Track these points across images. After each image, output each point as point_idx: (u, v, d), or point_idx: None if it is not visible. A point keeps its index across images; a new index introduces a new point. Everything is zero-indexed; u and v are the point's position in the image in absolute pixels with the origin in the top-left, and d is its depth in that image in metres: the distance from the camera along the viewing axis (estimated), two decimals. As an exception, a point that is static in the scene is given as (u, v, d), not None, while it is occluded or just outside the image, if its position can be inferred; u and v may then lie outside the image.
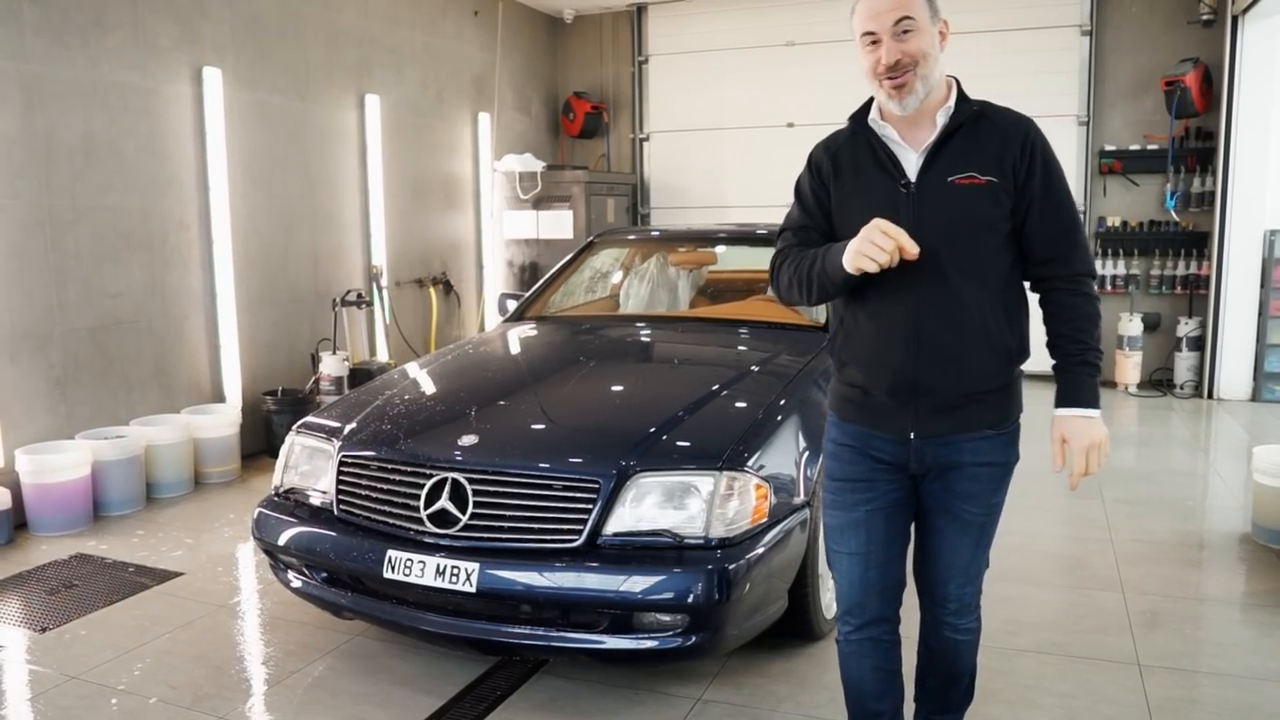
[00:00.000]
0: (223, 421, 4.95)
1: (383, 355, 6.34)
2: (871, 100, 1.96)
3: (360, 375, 5.66)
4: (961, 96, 1.91)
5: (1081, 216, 1.85)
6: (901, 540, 2.04)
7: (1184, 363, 6.89)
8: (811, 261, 1.92)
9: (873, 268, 1.77)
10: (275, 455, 5.21)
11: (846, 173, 1.97)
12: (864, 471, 2.00)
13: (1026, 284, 1.97)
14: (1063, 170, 1.92)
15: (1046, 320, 1.93)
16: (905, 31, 1.81)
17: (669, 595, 2.39)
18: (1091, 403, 1.88)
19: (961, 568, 2.01)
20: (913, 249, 1.76)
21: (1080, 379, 1.89)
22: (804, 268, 1.94)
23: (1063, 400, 1.91)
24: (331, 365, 5.50)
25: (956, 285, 1.86)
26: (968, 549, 1.99)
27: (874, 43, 1.84)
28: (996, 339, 1.89)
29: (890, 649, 2.09)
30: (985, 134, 1.88)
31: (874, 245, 1.75)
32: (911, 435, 1.93)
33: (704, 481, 2.52)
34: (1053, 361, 1.94)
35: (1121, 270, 7.14)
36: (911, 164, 1.89)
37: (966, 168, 1.86)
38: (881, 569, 2.02)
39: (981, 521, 1.98)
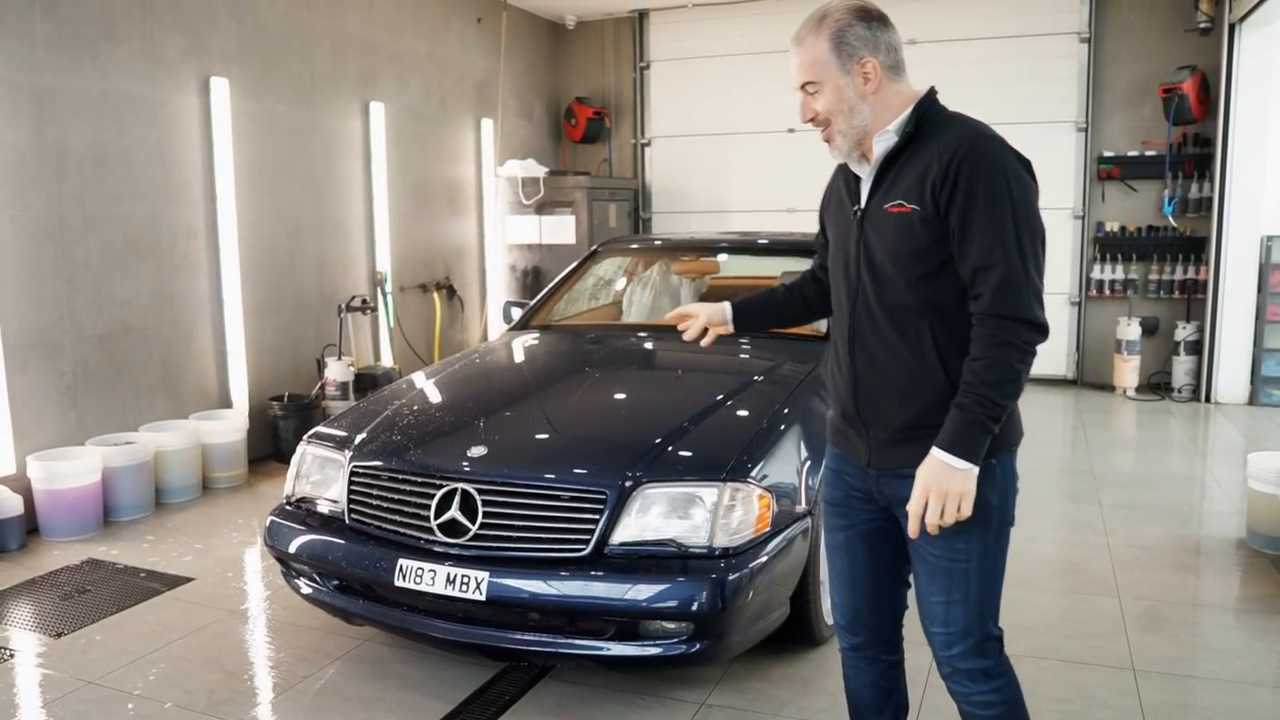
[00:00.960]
0: (230, 427, 5.01)
1: (387, 360, 6.39)
2: None
3: (365, 380, 5.73)
4: (915, 114, 1.78)
5: (1029, 251, 1.68)
6: (887, 570, 1.97)
7: (1181, 367, 6.95)
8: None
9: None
10: (282, 460, 5.32)
11: (831, 198, 2.01)
12: (841, 496, 1.99)
13: None
14: (1002, 192, 1.69)
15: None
16: (811, 92, 1.81)
17: (674, 603, 2.44)
18: (957, 449, 1.66)
19: (939, 619, 1.83)
20: (693, 329, 2.16)
21: (956, 422, 1.67)
22: None
23: (937, 438, 1.70)
24: (337, 370, 5.56)
25: (888, 315, 1.79)
26: (939, 597, 1.81)
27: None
28: (935, 371, 1.75)
29: (887, 669, 2.04)
30: (918, 156, 1.76)
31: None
32: (868, 465, 1.88)
33: (708, 492, 2.57)
34: None
35: (1120, 275, 7.20)
36: (866, 190, 1.86)
37: (898, 195, 1.78)
38: (868, 595, 1.97)
39: (947, 567, 1.79)
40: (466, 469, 2.71)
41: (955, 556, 1.78)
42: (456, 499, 2.65)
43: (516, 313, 4.46)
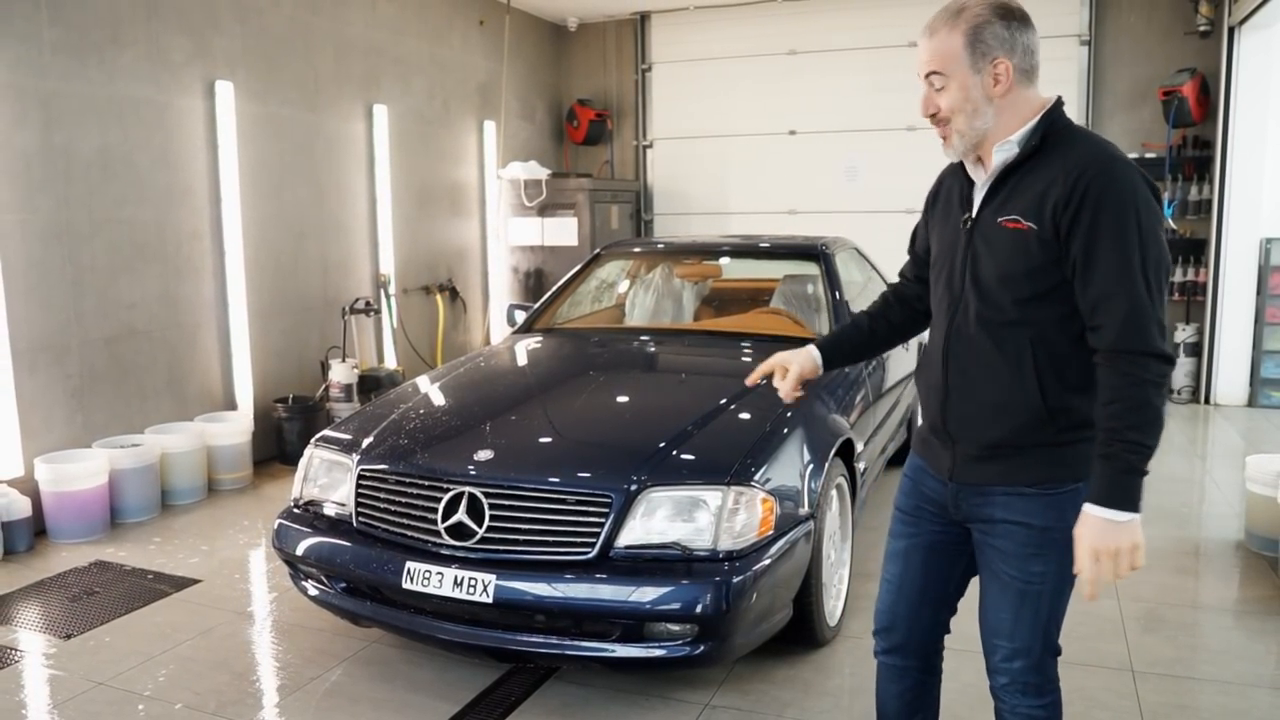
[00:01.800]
0: (235, 429, 5.04)
1: (390, 362, 6.42)
2: None
3: (369, 382, 5.76)
4: (1041, 123, 1.71)
5: (1154, 284, 1.57)
6: (940, 584, 1.94)
7: (1181, 368, 6.97)
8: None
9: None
10: (286, 462, 5.35)
11: (940, 200, 1.92)
12: (913, 505, 1.95)
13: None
14: (1131, 220, 1.61)
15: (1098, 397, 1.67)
16: (937, 87, 1.74)
17: (678, 606, 2.47)
18: (1115, 502, 1.57)
19: (1004, 634, 1.81)
20: (788, 390, 2.09)
21: (1105, 473, 1.59)
22: None
23: (1089, 495, 1.61)
24: (340, 373, 5.59)
25: (989, 331, 1.74)
26: (1008, 613, 1.79)
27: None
28: (1031, 394, 1.70)
29: (916, 685, 2.01)
30: (1039, 172, 1.69)
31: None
32: (949, 479, 1.84)
33: (712, 496, 2.61)
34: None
35: (1119, 277, 7.22)
36: (979, 198, 1.79)
37: (1014, 209, 1.71)
38: (912, 605, 1.95)
39: (1021, 588, 1.76)
40: (473, 473, 2.74)
41: (1031, 579, 1.76)
42: (463, 502, 2.68)
43: (520, 316, 4.49)
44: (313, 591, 2.99)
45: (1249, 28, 6.29)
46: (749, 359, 3.82)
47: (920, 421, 1.96)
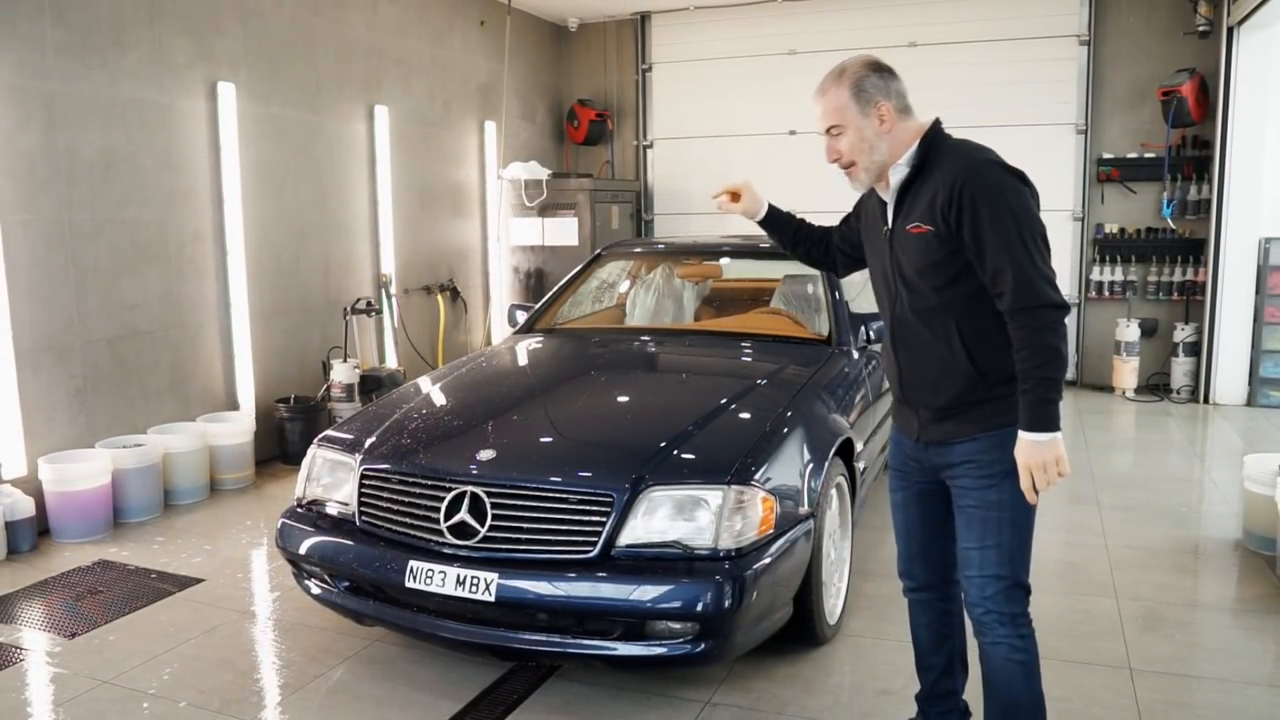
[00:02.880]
0: (237, 429, 5.06)
1: (392, 362, 6.44)
2: None
3: (370, 382, 5.77)
4: (922, 145, 2.08)
5: (1034, 248, 1.97)
6: (937, 524, 2.30)
7: (1180, 368, 7.00)
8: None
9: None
10: (288, 462, 5.37)
11: (866, 215, 2.33)
12: (900, 464, 2.36)
13: None
14: (1003, 207, 1.96)
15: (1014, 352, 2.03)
16: (835, 134, 2.12)
17: (679, 604, 2.49)
18: (1037, 425, 1.96)
19: (975, 564, 2.12)
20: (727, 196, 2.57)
21: (1026, 405, 1.97)
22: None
23: (1020, 424, 1.99)
24: (342, 373, 5.61)
25: (919, 319, 2.14)
26: (975, 542, 2.12)
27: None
28: (961, 363, 2.09)
29: (941, 614, 2.37)
30: (928, 184, 2.07)
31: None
32: (917, 439, 2.24)
33: (713, 495, 2.62)
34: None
35: (1119, 276, 7.25)
36: (890, 213, 2.18)
37: (915, 217, 2.09)
38: (921, 545, 2.34)
39: (983, 516, 2.10)
40: (475, 472, 2.75)
41: (990, 507, 2.10)
42: (466, 502, 2.70)
43: (521, 316, 4.51)
44: (316, 590, 3.01)
45: (1248, 28, 6.31)
46: (749, 359, 3.84)
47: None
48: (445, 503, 2.72)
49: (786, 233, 2.61)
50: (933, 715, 2.46)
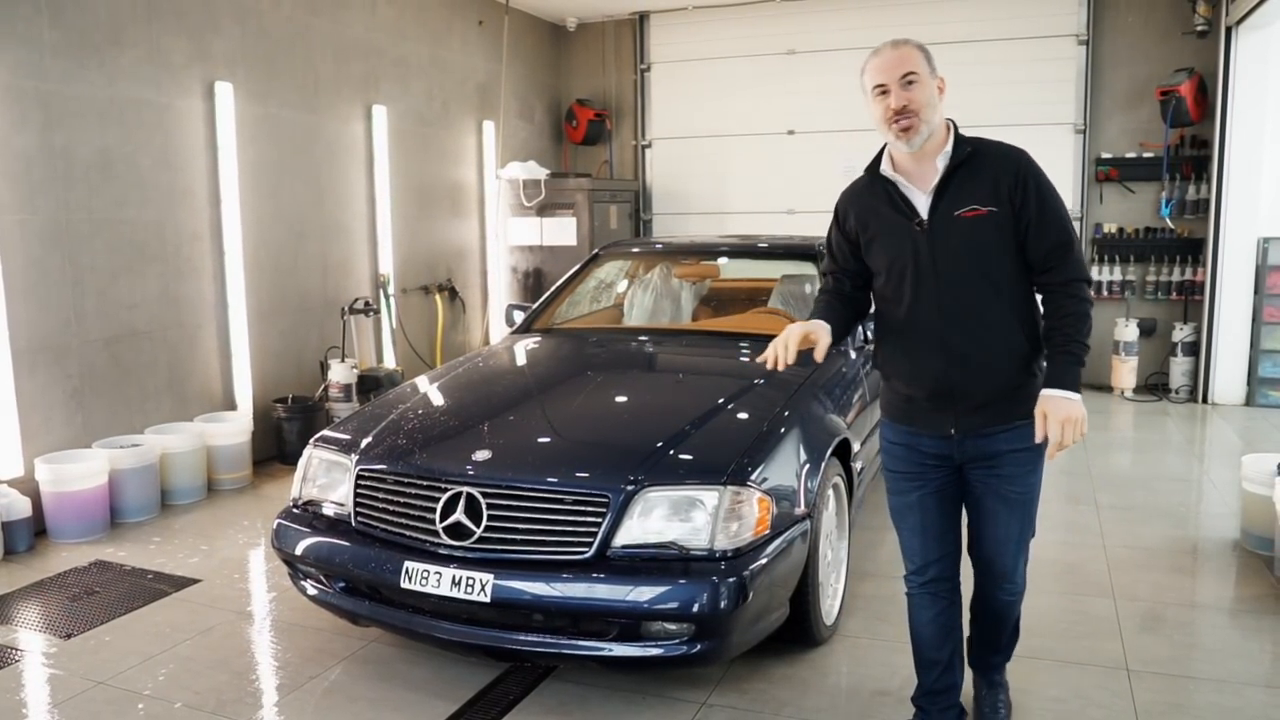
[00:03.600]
0: (235, 429, 5.05)
1: (390, 362, 6.44)
2: (880, 154, 2.29)
3: (368, 382, 5.77)
4: (958, 139, 2.21)
5: (1075, 225, 2.12)
6: (952, 515, 2.40)
7: (1179, 368, 6.99)
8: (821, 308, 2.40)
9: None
10: (286, 462, 5.36)
11: (869, 219, 2.31)
12: (914, 465, 2.36)
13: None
14: (1055, 190, 2.19)
15: (1045, 317, 2.24)
16: (910, 83, 2.14)
17: (675, 605, 2.49)
18: (1070, 385, 2.13)
19: (1014, 540, 2.33)
20: (790, 353, 2.20)
21: (1063, 365, 2.14)
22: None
23: (1048, 382, 2.15)
24: (340, 373, 5.60)
25: (975, 305, 2.20)
26: (1017, 524, 2.32)
27: (883, 93, 2.16)
28: (1015, 344, 2.21)
29: (948, 605, 2.44)
30: (982, 169, 2.18)
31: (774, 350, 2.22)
32: (953, 432, 2.28)
33: (709, 496, 2.62)
34: (1045, 350, 2.23)
35: (1118, 276, 7.24)
36: (922, 204, 2.22)
37: (969, 201, 2.17)
38: (938, 539, 2.40)
39: (1025, 499, 2.30)
40: (471, 473, 2.75)
41: (1028, 489, 2.31)
42: (461, 502, 2.69)
43: (519, 316, 4.50)
44: (312, 591, 3.00)
45: (1246, 27, 6.30)
46: (746, 359, 3.84)
47: (897, 397, 2.36)
48: (441, 503, 2.71)
49: (848, 323, 2.48)
50: (934, 713, 2.50)
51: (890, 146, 2.24)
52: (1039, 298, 2.27)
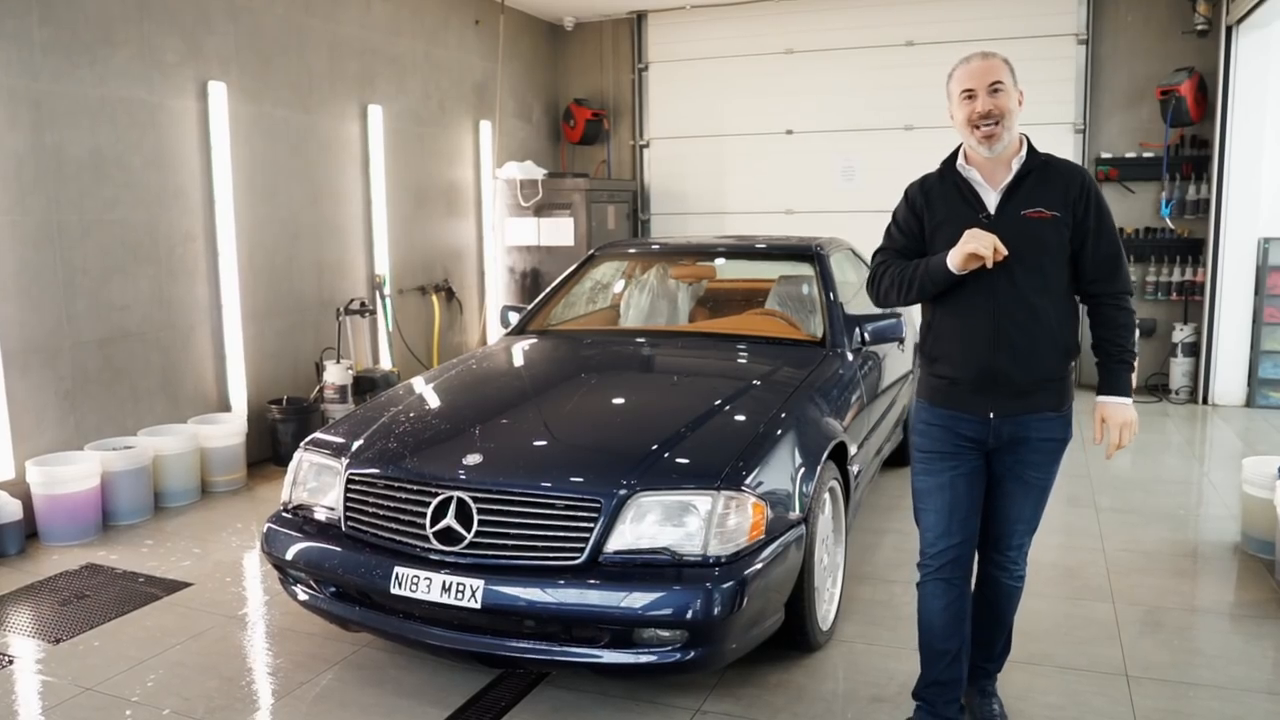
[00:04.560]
0: (229, 431, 5.02)
1: (386, 363, 6.41)
2: (957, 151, 2.46)
3: (364, 383, 5.74)
4: (1031, 149, 2.41)
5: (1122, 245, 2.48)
6: (976, 500, 2.50)
7: (1179, 368, 6.96)
8: (915, 269, 2.44)
9: (976, 263, 2.28)
10: (281, 464, 5.33)
11: (938, 206, 2.46)
12: (950, 446, 2.48)
13: (1078, 297, 2.47)
14: (1108, 210, 2.40)
15: (1093, 327, 2.44)
16: (996, 91, 2.32)
17: (668, 612, 2.46)
18: (1125, 391, 2.39)
19: (1026, 520, 2.51)
20: (1003, 249, 2.26)
21: (1118, 374, 2.39)
22: (908, 273, 2.45)
23: (1103, 389, 2.41)
24: (335, 374, 5.57)
25: (1028, 296, 2.35)
26: (1031, 506, 2.50)
27: (970, 97, 2.35)
28: (1058, 338, 2.39)
29: (960, 595, 2.50)
30: (1051, 178, 2.38)
31: (977, 243, 2.25)
32: (991, 415, 2.41)
33: (702, 501, 2.59)
34: (1096, 359, 2.45)
35: (1117, 277, 7.20)
36: (991, 200, 2.39)
37: (1036, 204, 2.35)
38: (962, 521, 2.49)
39: (1042, 485, 2.48)
40: (462, 477, 2.72)
41: (1048, 476, 2.49)
42: (452, 507, 2.66)
43: (514, 317, 4.46)
44: (302, 596, 2.97)
45: (1247, 27, 6.27)
46: (743, 361, 3.81)
47: (940, 380, 2.47)
48: (431, 508, 2.68)
49: None
50: (939, 705, 2.53)
51: (969, 148, 2.40)
52: (1082, 306, 2.48)
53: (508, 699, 2.85)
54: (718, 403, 3.15)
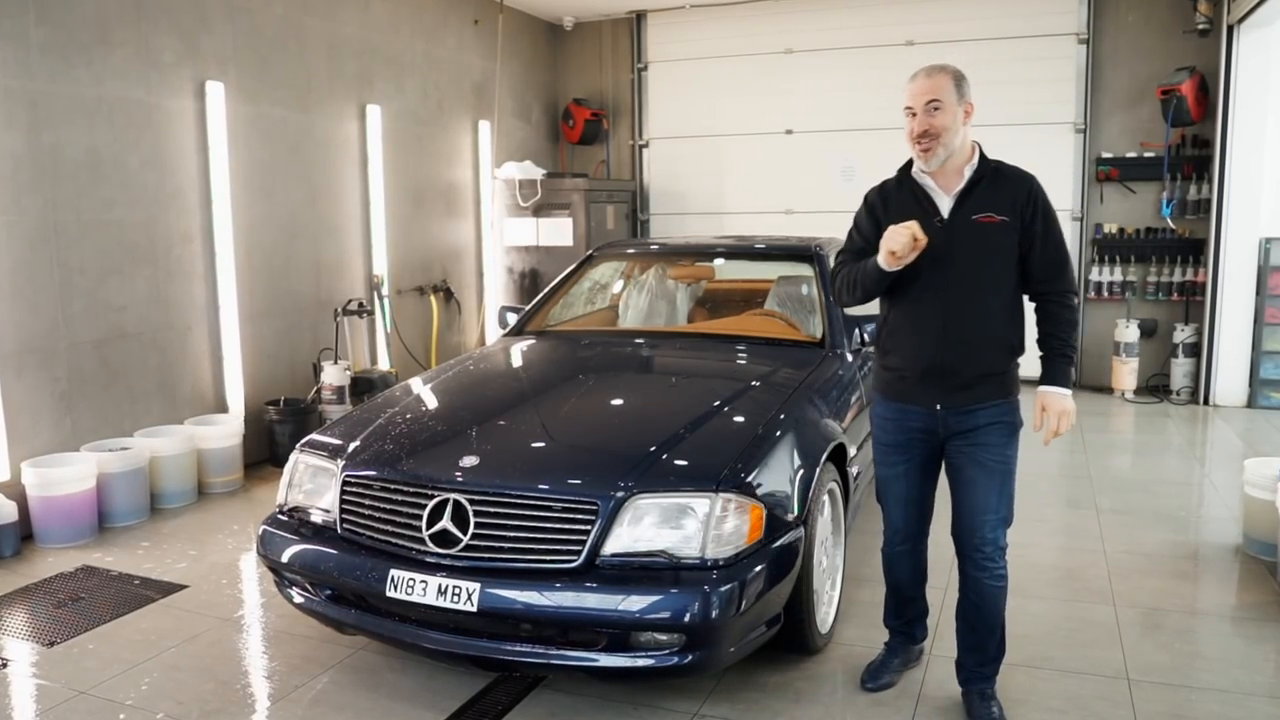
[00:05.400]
0: (226, 432, 5.00)
1: (384, 364, 6.39)
2: (912, 160, 2.61)
3: (362, 384, 5.72)
4: (983, 157, 2.57)
5: (1076, 225, 2.90)
6: (931, 484, 2.74)
7: (1180, 369, 6.94)
8: (857, 270, 2.63)
9: (896, 261, 2.45)
10: (278, 465, 5.31)
11: (894, 210, 2.58)
12: (903, 438, 2.67)
13: (1025, 296, 2.60)
14: (1054, 215, 2.54)
15: (1039, 323, 2.59)
16: (934, 109, 2.46)
17: (665, 615, 2.44)
18: (1064, 383, 2.54)
19: (992, 508, 2.57)
20: (923, 236, 2.41)
21: (1059, 365, 2.53)
22: (853, 274, 2.64)
23: (1044, 380, 2.56)
24: (333, 375, 5.55)
25: (977, 295, 2.51)
26: (994, 491, 2.57)
27: (912, 115, 2.49)
28: (1003, 335, 2.54)
29: (921, 557, 2.83)
30: (1001, 185, 2.53)
31: (892, 240, 2.43)
32: (938, 407, 2.58)
33: (700, 503, 2.57)
34: (1040, 353, 2.59)
35: (1118, 277, 7.19)
36: (945, 205, 2.55)
37: (987, 209, 2.51)
38: (918, 505, 2.74)
39: (1001, 469, 2.57)
40: (459, 479, 2.70)
41: (1006, 460, 2.58)
42: (448, 509, 2.64)
43: (512, 318, 4.45)
44: (298, 599, 2.95)
45: (1248, 26, 6.25)
46: (741, 362, 3.79)
47: (890, 373, 2.66)
48: (427, 510, 2.66)
49: None
50: (917, 630, 2.95)
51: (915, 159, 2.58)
52: (1030, 304, 2.61)
53: (505, 702, 2.83)
54: (716, 404, 3.13)
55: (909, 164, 2.62)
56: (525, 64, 8.20)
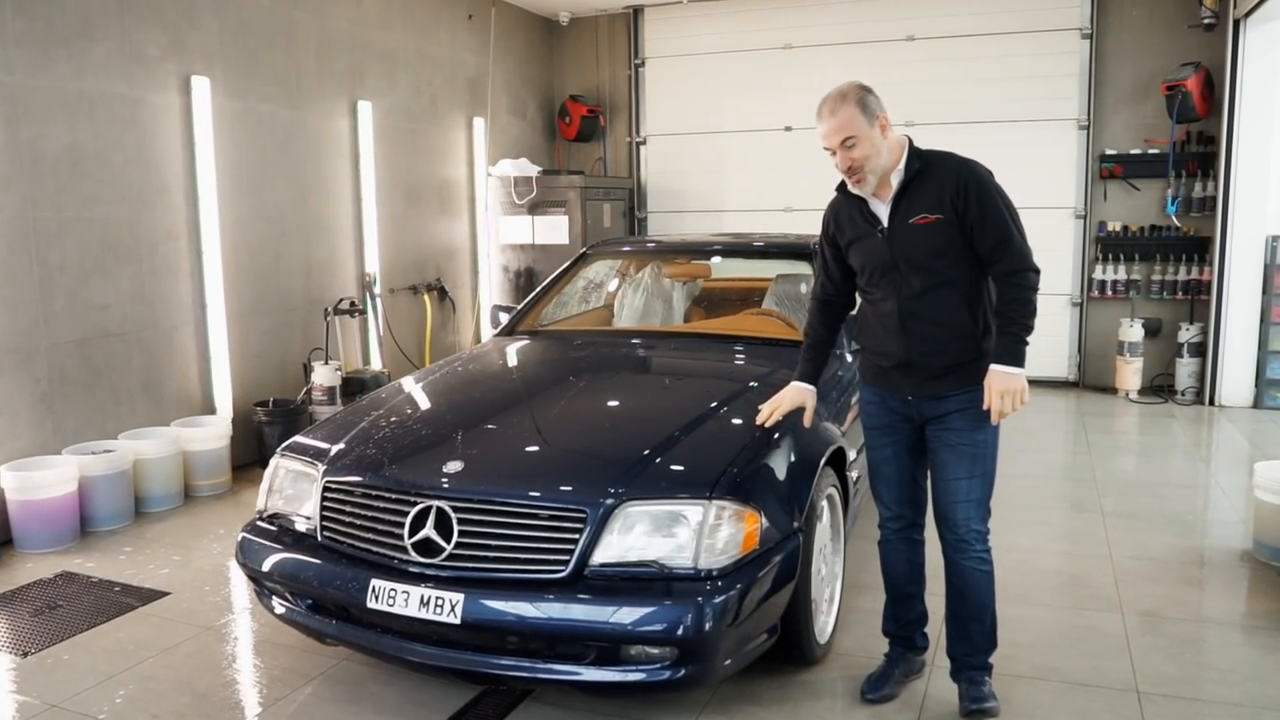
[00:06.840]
0: (213, 434, 4.90)
1: (376, 364, 6.28)
2: None
3: (353, 384, 5.61)
4: (911, 155, 2.55)
5: (1017, 225, 2.53)
6: (920, 467, 2.73)
7: (1185, 369, 6.84)
8: (807, 327, 2.95)
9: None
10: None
11: (845, 226, 2.69)
12: (886, 421, 2.72)
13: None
14: (997, 192, 2.50)
15: (995, 302, 2.55)
16: (850, 146, 2.47)
17: (657, 628, 2.34)
18: (1013, 362, 2.46)
19: (963, 493, 2.58)
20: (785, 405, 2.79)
21: (1004, 343, 2.48)
22: (806, 325, 2.96)
23: (994, 359, 2.49)
24: (324, 375, 5.45)
25: (931, 293, 2.54)
26: (965, 471, 2.58)
27: (832, 154, 2.53)
28: (963, 327, 2.55)
29: (915, 546, 2.79)
30: (929, 183, 2.52)
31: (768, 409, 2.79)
32: (910, 396, 2.63)
33: (693, 511, 2.46)
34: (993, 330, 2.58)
35: (1122, 275, 7.09)
36: (884, 213, 2.58)
37: (920, 211, 2.52)
38: (909, 487, 2.75)
39: (974, 453, 2.57)
40: (443, 485, 2.60)
41: (977, 445, 2.58)
42: (431, 517, 2.54)
43: (504, 317, 4.34)
44: (279, 609, 2.85)
45: (1254, 20, 6.15)
46: (740, 362, 3.69)
47: (870, 362, 2.74)
48: (409, 518, 2.56)
49: (827, 354, 2.91)
50: (918, 637, 2.88)
51: None
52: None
53: (492, 716, 2.73)
54: (711, 406, 3.03)
55: (844, 182, 2.65)
56: (520, 60, 8.09)
